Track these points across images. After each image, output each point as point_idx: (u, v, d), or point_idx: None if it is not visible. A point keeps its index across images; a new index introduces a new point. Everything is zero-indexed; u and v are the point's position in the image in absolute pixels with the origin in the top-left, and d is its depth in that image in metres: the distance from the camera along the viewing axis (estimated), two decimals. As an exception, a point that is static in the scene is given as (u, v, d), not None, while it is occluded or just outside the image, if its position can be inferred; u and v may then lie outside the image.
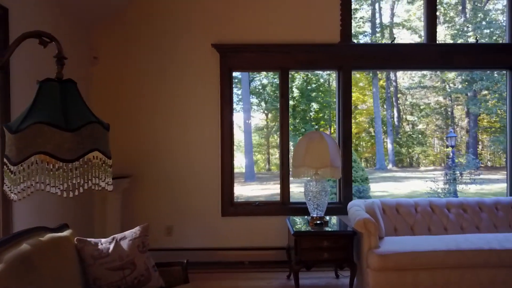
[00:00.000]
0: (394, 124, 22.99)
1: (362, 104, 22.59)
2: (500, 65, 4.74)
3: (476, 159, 15.45)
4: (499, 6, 18.79)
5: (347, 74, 4.61)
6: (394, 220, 4.03)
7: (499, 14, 18.71)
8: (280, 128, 4.67)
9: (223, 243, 4.56)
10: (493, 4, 19.08)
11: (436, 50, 4.65)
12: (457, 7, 19.48)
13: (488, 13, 18.80)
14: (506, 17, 4.88)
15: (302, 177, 3.77)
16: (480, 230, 4.01)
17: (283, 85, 4.64)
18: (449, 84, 21.11)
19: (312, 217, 3.79)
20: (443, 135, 22.48)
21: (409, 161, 23.67)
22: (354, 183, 9.50)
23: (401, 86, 23.20)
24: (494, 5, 19.08)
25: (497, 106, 18.37)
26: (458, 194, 11.63)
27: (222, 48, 4.49)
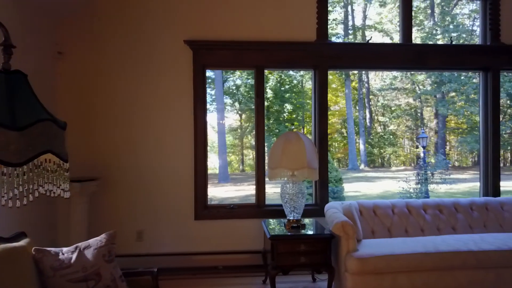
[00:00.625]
0: (366, 125, 23.33)
1: (335, 105, 22.81)
2: (474, 66, 4.76)
3: (446, 159, 15.80)
4: (466, 10, 19.35)
5: (323, 73, 4.53)
6: (372, 222, 3.97)
7: (466, 18, 19.26)
8: (255, 128, 4.54)
9: (196, 248, 4.39)
10: (460, 9, 19.63)
11: (411, 51, 4.63)
12: (426, 10, 19.91)
13: (456, 17, 19.32)
14: (480, 20, 4.92)
15: (278, 179, 3.64)
16: (456, 230, 4.01)
17: (258, 84, 4.51)
18: (419, 86, 21.59)
19: (289, 220, 3.67)
20: (413, 136, 22.98)
21: (381, 162, 24.07)
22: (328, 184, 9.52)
23: (373, 87, 23.57)
24: (461, 10, 19.63)
25: (464, 108, 18.89)
26: (429, 193, 11.83)
27: (195, 44, 4.32)
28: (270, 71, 17.67)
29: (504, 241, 3.52)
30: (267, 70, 4.68)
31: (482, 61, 4.69)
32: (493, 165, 4.71)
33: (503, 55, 4.69)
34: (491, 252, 3.35)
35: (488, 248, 3.38)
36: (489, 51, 4.68)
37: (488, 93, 4.75)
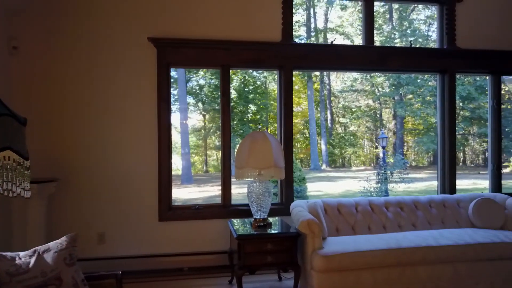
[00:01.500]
0: (328, 126, 23.78)
1: (297, 106, 23.10)
2: (431, 69, 4.96)
3: (404, 159, 16.36)
4: (422, 16, 20.18)
5: (288, 73, 4.56)
6: (336, 220, 4.03)
7: (422, 23, 20.08)
8: (221, 128, 4.51)
9: (161, 250, 4.30)
10: (416, 15, 20.44)
11: (373, 52, 4.76)
12: (385, 15, 20.58)
13: (413, 22, 20.09)
14: (437, 25, 5.13)
15: (245, 178, 3.63)
16: (417, 227, 4.15)
17: (224, 83, 4.49)
18: (378, 88, 22.25)
19: (255, 219, 3.67)
20: (372, 137, 23.66)
21: (342, 162, 24.60)
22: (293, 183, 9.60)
23: (334, 89, 24.06)
24: (417, 16, 20.45)
25: (420, 109, 19.64)
26: (389, 192, 12.21)
27: (160, 42, 4.23)
28: (234, 71, 17.69)
29: (461, 236, 3.69)
30: (232, 70, 4.66)
31: (439, 64, 4.89)
32: (449, 164, 4.92)
33: (459, 59, 4.91)
34: (448, 247, 3.49)
35: (446, 243, 3.52)
36: (446, 54, 4.89)
37: (445, 95, 4.96)
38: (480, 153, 22.22)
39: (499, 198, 4.35)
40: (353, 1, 4.71)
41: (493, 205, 4.18)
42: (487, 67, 5.02)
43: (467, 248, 3.52)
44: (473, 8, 4.97)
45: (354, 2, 18.27)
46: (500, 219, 4.13)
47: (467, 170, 20.58)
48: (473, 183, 14.48)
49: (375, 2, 4.85)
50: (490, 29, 5.04)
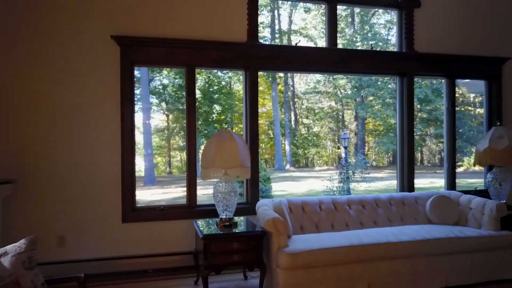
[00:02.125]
0: (292, 126, 24.08)
1: (262, 107, 23.26)
2: (391, 71, 5.15)
3: (365, 159, 16.83)
4: (382, 21, 20.86)
5: (254, 74, 4.60)
6: (301, 218, 4.11)
7: (382, 28, 20.75)
8: (187, 128, 4.48)
9: (124, 251, 4.21)
10: (377, 19, 21.10)
11: (336, 55, 4.88)
12: (347, 19, 21.10)
13: (373, 26, 20.73)
14: (396, 29, 5.32)
15: (211, 178, 3.63)
16: (378, 224, 4.29)
17: (189, 82, 4.46)
18: (340, 90, 22.77)
19: (221, 218, 3.67)
20: (335, 137, 24.19)
21: (305, 162, 24.99)
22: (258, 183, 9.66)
23: (298, 91, 24.40)
24: (378, 20, 21.12)
25: (381, 111, 20.28)
26: (351, 191, 12.53)
27: (124, 40, 4.15)
28: (198, 71, 17.57)
29: (419, 232, 3.85)
30: (198, 69, 4.64)
31: (398, 67, 5.08)
32: (408, 164, 5.12)
33: (416, 62, 5.12)
34: (407, 243, 3.64)
35: (405, 239, 3.67)
36: (404, 58, 5.08)
37: (404, 97, 5.16)
38: (437, 153, 23.19)
39: (453, 195, 4.57)
40: (316, 4, 4.79)
41: (448, 202, 4.39)
42: (443, 70, 5.26)
43: (425, 244, 3.68)
44: (430, 14, 5.20)
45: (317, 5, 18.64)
46: (455, 215, 4.34)
47: (424, 169, 21.43)
48: (430, 182, 15.10)
49: (338, 6, 4.98)
50: (446, 34, 5.29)
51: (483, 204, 4.15)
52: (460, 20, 5.36)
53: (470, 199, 4.35)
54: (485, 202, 4.15)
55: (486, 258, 3.88)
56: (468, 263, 3.82)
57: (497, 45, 5.49)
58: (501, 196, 4.49)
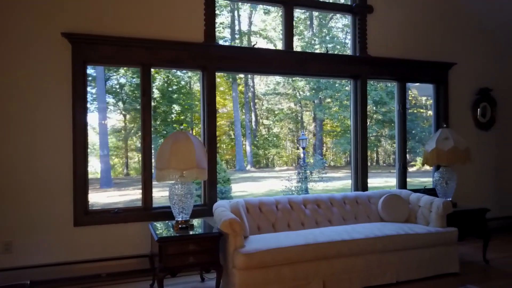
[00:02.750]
0: (252, 127, 24.21)
1: (223, 108, 23.22)
2: (346, 74, 5.29)
3: (323, 159, 17.19)
4: (339, 25, 21.40)
5: (211, 75, 4.58)
6: (257, 218, 4.14)
7: (340, 31, 21.29)
8: (142, 128, 4.40)
9: (76, 256, 4.07)
10: (335, 23, 21.62)
11: (293, 57, 4.95)
12: (306, 21, 21.47)
13: (331, 30, 21.23)
14: (350, 33, 5.48)
15: (167, 180, 3.58)
16: (332, 223, 4.40)
17: (144, 82, 4.38)
18: (299, 91, 23.14)
19: (177, 221, 3.63)
20: (294, 138, 24.57)
21: (266, 162, 25.20)
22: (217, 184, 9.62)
23: (258, 92, 24.57)
24: (336, 24, 21.65)
25: (338, 113, 20.80)
26: (309, 191, 12.75)
27: (75, 38, 4.01)
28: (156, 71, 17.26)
29: (371, 230, 3.98)
30: (154, 69, 4.56)
31: (352, 70, 5.23)
32: (362, 164, 5.28)
33: (369, 66, 5.30)
34: (360, 240, 3.75)
35: (358, 237, 3.78)
36: (358, 61, 5.25)
37: (358, 99, 5.32)
38: (391, 154, 24.05)
39: (404, 194, 4.76)
40: (275, 6, 4.85)
41: (399, 201, 4.57)
42: (394, 74, 5.48)
43: (376, 241, 3.81)
44: (382, 20, 5.40)
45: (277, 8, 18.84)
46: (405, 213, 4.52)
47: (380, 169, 22.19)
48: (385, 181, 15.66)
49: (295, 9, 5.06)
50: (397, 39, 5.52)
51: (431, 202, 4.35)
52: (410, 26, 5.61)
53: (419, 198, 4.55)
54: (433, 200, 4.35)
55: (433, 254, 4.07)
56: (417, 258, 4.00)
57: (444, 51, 5.79)
58: (448, 194, 4.73)
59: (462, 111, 5.95)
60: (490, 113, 6.08)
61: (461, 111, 5.93)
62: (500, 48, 6.25)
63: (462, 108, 5.94)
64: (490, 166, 6.14)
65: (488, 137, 6.13)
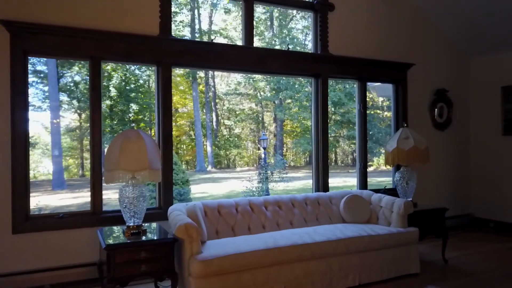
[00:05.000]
0: (213, 127, 23.94)
1: (183, 107, 22.81)
2: (307, 72, 5.18)
3: (284, 160, 17.19)
4: (300, 26, 21.55)
5: (166, 70, 4.32)
6: (216, 222, 3.93)
7: (300, 33, 21.43)
8: (91, 126, 4.07)
9: (16, 267, 3.68)
10: (295, 24, 21.75)
11: (253, 53, 4.78)
12: (266, 22, 21.45)
13: (291, 31, 21.33)
14: (311, 30, 5.38)
15: (116, 182, 3.29)
16: (294, 225, 4.26)
17: (94, 76, 4.05)
18: (260, 92, 23.11)
19: (128, 226, 3.35)
20: (255, 138, 24.52)
21: (227, 163, 25.00)
22: (174, 186, 9.31)
23: (219, 91, 24.33)
24: (296, 25, 21.79)
25: (298, 113, 20.94)
26: (270, 191, 12.67)
27: (14, 26, 3.63)
28: (113, 68, 16.61)
29: (333, 232, 3.87)
30: (105, 63, 4.24)
31: (313, 68, 5.13)
32: (323, 164, 5.19)
33: (331, 64, 5.22)
34: (322, 243, 3.63)
35: (319, 239, 3.66)
36: (319, 59, 5.15)
37: (319, 98, 5.22)
38: (349, 154, 24.52)
39: (365, 194, 4.71)
40: (235, 0, 4.65)
41: (360, 201, 4.50)
42: (355, 73, 5.43)
43: (338, 243, 3.70)
44: (343, 18, 5.34)
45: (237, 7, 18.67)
46: (366, 213, 4.46)
47: (338, 169, 22.53)
48: (344, 181, 15.86)
49: (255, 4, 4.90)
50: (358, 38, 5.48)
51: (392, 203, 4.31)
52: (371, 26, 5.60)
53: (381, 198, 4.50)
54: (394, 200, 4.32)
55: (395, 254, 4.02)
56: (379, 259, 3.93)
57: (403, 52, 5.83)
58: (408, 194, 4.72)
59: (421, 111, 6.01)
60: (446, 113, 6.19)
61: (420, 111, 5.99)
62: (455, 51, 6.39)
63: (420, 108, 6.01)
64: (446, 165, 6.26)
65: (445, 137, 6.24)
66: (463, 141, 6.47)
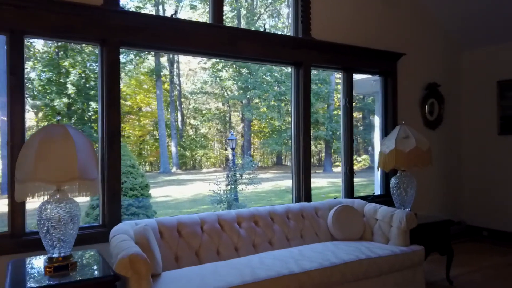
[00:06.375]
0: (178, 127, 23.06)
1: (146, 106, 21.79)
2: (286, 60, 4.37)
3: (253, 161, 16.42)
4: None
5: (113, 50, 3.39)
6: (175, 245, 3.04)
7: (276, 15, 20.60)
8: (9, 120, 3.07)
9: None
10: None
11: (223, 33, 3.92)
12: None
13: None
14: (292, 11, 4.57)
15: (31, 197, 2.34)
16: (274, 245, 3.44)
17: (14, 56, 3.07)
18: (227, 91, 22.38)
19: (51, 258, 2.42)
20: (222, 139, 23.72)
21: (193, 164, 24.14)
22: (132, 191, 8.30)
23: (184, 90, 23.49)
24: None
25: (266, 113, 20.32)
26: (238, 194, 11.88)
27: None
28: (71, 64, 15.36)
29: (324, 255, 3.08)
30: (29, 39, 3.26)
31: (294, 55, 4.33)
32: (305, 168, 4.41)
33: (314, 50, 4.45)
34: (312, 272, 2.81)
35: (309, 267, 2.84)
36: (301, 44, 4.36)
37: (300, 91, 4.44)
38: (315, 154, 24.11)
39: (357, 204, 3.96)
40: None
41: (352, 213, 3.75)
42: (340, 62, 4.69)
43: (333, 270, 2.90)
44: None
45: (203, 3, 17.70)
46: (360, 228, 3.71)
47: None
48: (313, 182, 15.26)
49: (225, -24, 4.05)
50: (344, 22, 4.75)
51: (391, 215, 3.57)
52: (360, 8, 4.88)
53: (376, 209, 3.76)
54: (393, 212, 3.58)
55: (397, 280, 3.27)
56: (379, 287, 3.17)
57: (394, 41, 5.16)
58: (406, 204, 4.01)
59: (410, 107, 5.35)
60: (437, 110, 5.57)
61: (410, 107, 5.33)
62: (449, 41, 5.79)
63: (410, 104, 5.35)
64: (436, 168, 5.59)
65: (436, 136, 5.59)
66: (455, 141, 5.87)
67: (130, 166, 8.37)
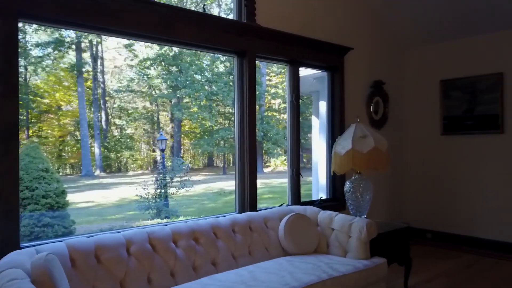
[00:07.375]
0: (102, 127, 21.45)
1: (67, 105, 19.97)
2: (228, 47, 3.81)
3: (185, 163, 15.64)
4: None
5: (9, 22, 2.60)
6: (93, 276, 2.34)
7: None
8: None
9: None
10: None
11: (156, 12, 3.26)
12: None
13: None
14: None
15: None
16: (218, 266, 2.86)
17: None
18: (155, 90, 21.33)
19: None
20: (150, 140, 22.53)
21: (118, 166, 22.64)
22: (45, 199, 7.24)
23: (109, 88, 21.94)
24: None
25: (197, 113, 19.63)
26: (168, 199, 11.08)
27: None
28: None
29: (281, 277, 2.56)
30: None
31: (238, 43, 3.79)
32: (249, 171, 3.88)
33: (259, 39, 3.94)
34: (270, 301, 2.30)
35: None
36: (246, 30, 3.83)
37: (244, 84, 3.91)
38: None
39: (309, 212, 3.52)
40: None
41: (305, 223, 3.29)
42: (286, 54, 4.24)
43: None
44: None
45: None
46: (314, 239, 3.27)
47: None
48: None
49: None
50: (292, 10, 4.32)
51: (349, 224, 3.17)
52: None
53: (332, 217, 3.34)
54: (352, 221, 3.18)
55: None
56: (341, 310, 2.74)
57: (341, 35, 4.83)
58: (362, 210, 3.66)
59: (357, 106, 5.07)
60: (382, 109, 5.35)
61: (356, 106, 5.04)
62: (395, 39, 5.62)
63: (356, 102, 5.06)
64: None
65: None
66: (398, 143, 5.71)
67: (43, 170, 7.28)
